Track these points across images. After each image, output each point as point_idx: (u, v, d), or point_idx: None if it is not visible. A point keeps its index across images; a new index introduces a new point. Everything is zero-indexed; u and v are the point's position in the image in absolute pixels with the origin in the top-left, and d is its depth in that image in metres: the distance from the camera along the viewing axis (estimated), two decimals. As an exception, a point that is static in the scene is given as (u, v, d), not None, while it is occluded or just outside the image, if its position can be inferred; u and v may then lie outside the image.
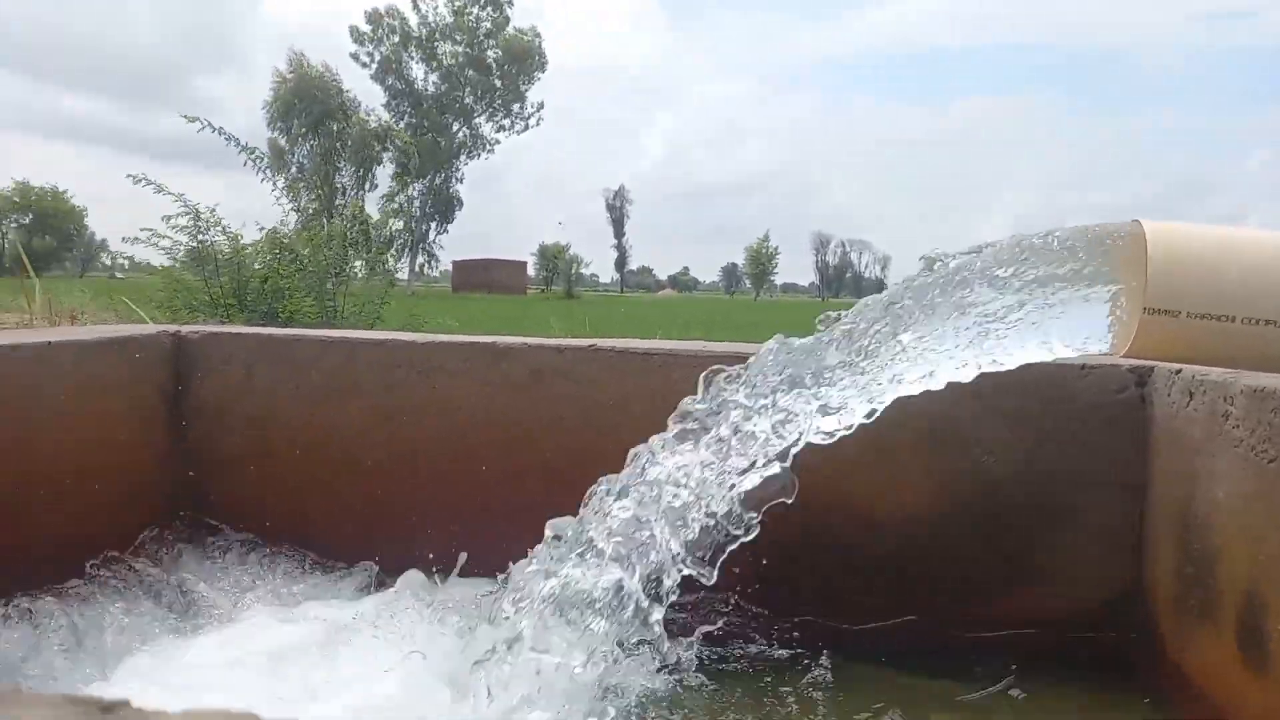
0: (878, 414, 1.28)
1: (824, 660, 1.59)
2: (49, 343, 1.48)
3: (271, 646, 1.42)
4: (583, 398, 1.71)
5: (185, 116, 6.35)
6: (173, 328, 1.81)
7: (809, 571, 1.65)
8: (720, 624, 1.65)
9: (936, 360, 1.29)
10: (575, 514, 1.48)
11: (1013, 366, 1.19)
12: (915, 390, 1.25)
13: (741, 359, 1.63)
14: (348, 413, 1.78)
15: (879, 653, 1.61)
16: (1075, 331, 1.15)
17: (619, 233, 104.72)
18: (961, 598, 1.63)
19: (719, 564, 1.36)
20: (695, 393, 1.49)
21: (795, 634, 1.66)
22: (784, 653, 1.64)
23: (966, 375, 1.21)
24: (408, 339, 1.79)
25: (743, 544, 1.57)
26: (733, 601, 1.67)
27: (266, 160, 6.07)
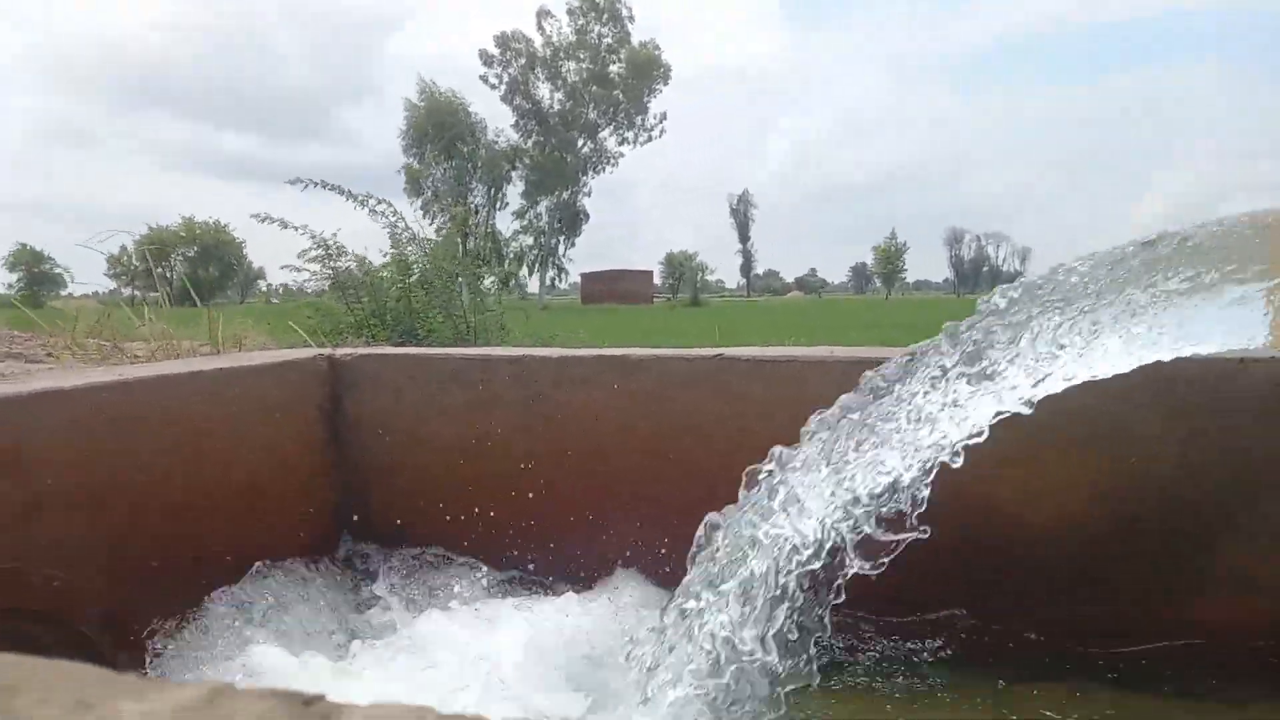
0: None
1: (969, 664, 1.55)
2: (221, 369, 1.62)
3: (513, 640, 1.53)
4: (712, 407, 1.73)
5: (289, 181, 6.73)
6: (326, 351, 1.94)
7: (953, 574, 1.61)
8: (854, 627, 1.63)
9: (1080, 355, 1.24)
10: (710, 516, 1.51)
11: (1165, 359, 1.13)
12: (1062, 386, 1.20)
13: (873, 363, 1.61)
14: (490, 425, 1.85)
15: (1030, 662, 1.55)
16: (1226, 326, 1.08)
17: (744, 237, 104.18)
18: (1123, 606, 1.56)
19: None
20: (827, 399, 1.49)
21: (937, 638, 1.62)
22: (926, 655, 1.61)
23: (1108, 370, 1.16)
24: (542, 354, 1.85)
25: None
26: (870, 603, 1.65)
27: (376, 201, 6.37)
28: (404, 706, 0.29)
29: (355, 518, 1.93)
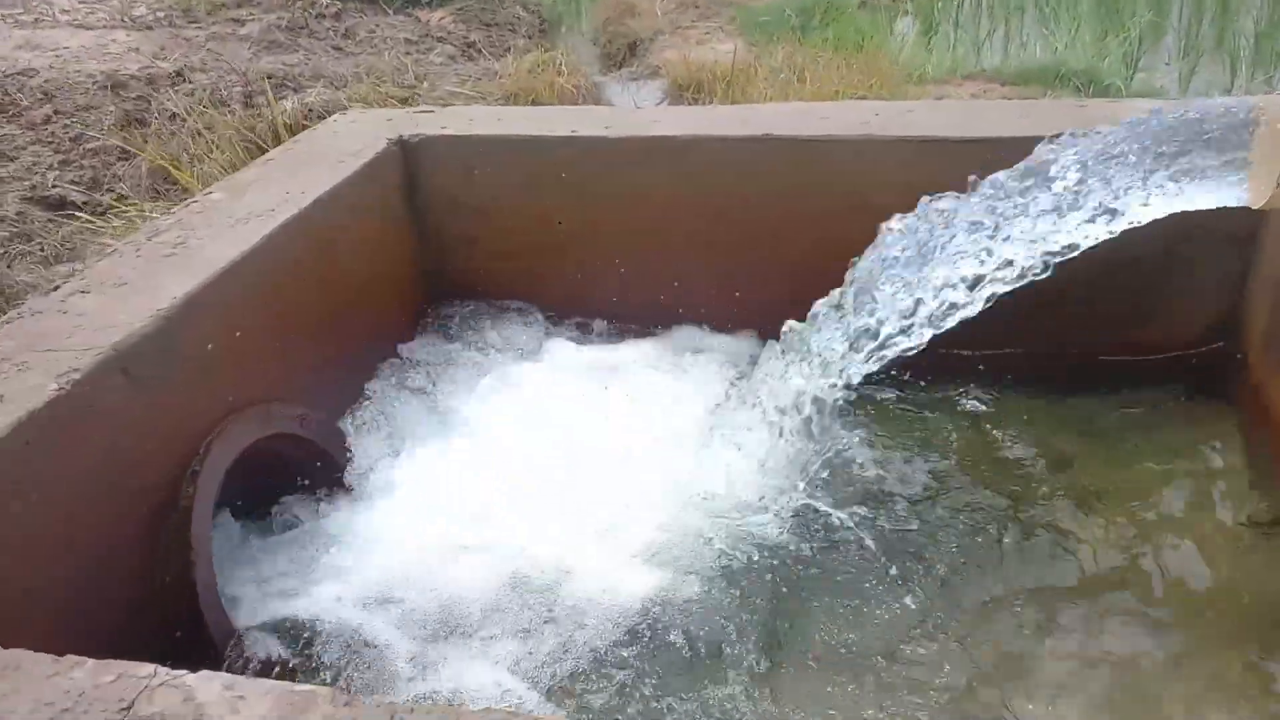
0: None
1: (958, 386, 1.96)
2: (325, 193, 1.84)
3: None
4: (753, 190, 1.96)
5: None
6: (394, 133, 2.07)
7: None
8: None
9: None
10: (760, 283, 1.95)
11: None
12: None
13: (922, 143, 1.84)
14: (555, 199, 2.09)
15: (1005, 378, 1.97)
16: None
17: None
18: (1092, 329, 1.94)
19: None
20: (892, 180, 1.72)
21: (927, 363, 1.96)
22: (920, 381, 1.99)
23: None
24: (595, 136, 2.03)
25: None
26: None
27: None
28: None
29: (442, 283, 2.22)
